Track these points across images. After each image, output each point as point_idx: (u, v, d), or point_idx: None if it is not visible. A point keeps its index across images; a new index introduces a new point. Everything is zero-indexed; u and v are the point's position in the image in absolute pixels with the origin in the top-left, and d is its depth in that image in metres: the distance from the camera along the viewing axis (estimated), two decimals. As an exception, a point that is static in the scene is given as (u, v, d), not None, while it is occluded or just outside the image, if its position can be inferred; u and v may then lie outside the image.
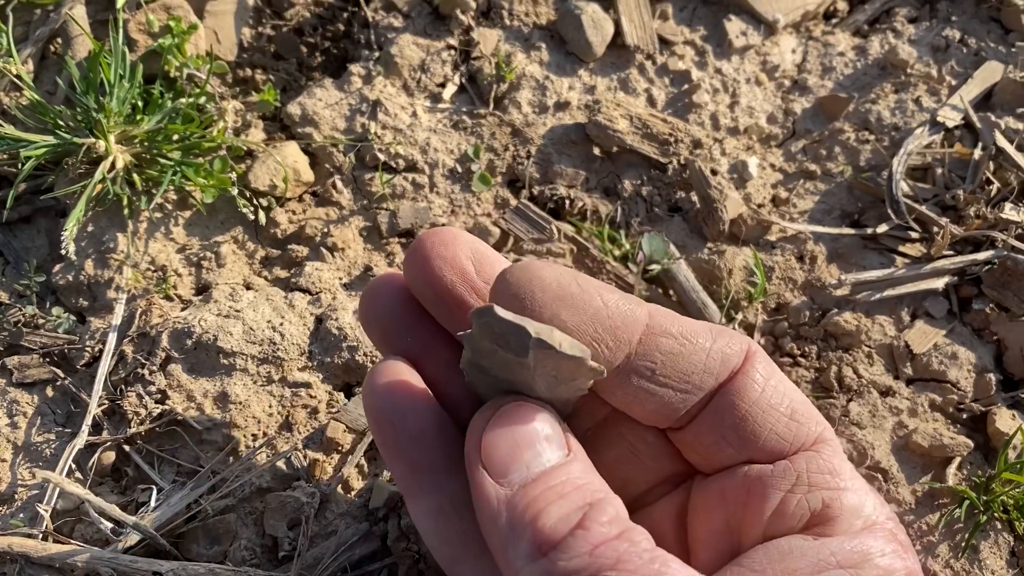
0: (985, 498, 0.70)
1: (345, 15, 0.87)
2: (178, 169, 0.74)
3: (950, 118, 0.84)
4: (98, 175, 0.72)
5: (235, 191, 0.75)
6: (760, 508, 0.45)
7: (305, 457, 0.68)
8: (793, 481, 0.45)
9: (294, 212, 0.79)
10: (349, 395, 0.72)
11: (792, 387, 0.48)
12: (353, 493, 0.68)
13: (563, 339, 0.41)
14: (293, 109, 0.81)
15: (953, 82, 0.87)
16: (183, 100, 0.77)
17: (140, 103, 0.76)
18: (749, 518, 0.45)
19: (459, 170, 0.80)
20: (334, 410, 0.70)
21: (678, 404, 0.46)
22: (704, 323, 0.47)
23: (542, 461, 0.42)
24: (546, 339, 0.40)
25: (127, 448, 0.68)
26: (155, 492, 0.65)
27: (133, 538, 0.63)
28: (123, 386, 0.69)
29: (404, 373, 0.47)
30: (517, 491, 0.40)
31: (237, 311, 0.71)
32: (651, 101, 0.85)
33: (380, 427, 0.46)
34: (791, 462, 0.46)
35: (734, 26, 0.88)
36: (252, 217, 0.77)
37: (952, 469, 0.72)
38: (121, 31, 0.74)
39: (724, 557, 0.45)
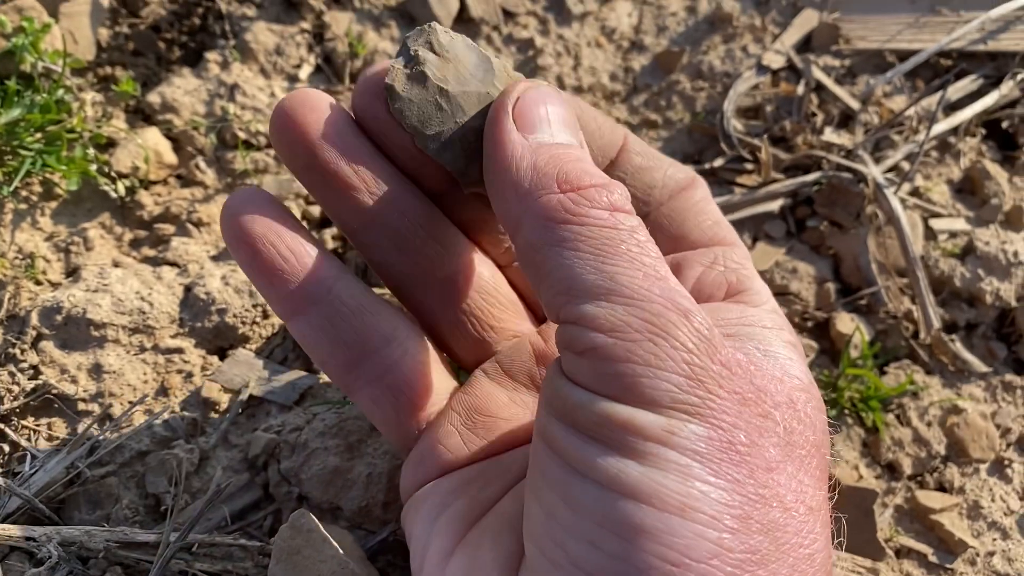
0: (833, 395, 0.76)
1: (200, 9, 0.90)
2: (38, 158, 0.76)
3: (774, 61, 0.91)
4: (-44, 167, 0.73)
5: (99, 176, 0.78)
6: (685, 280, 0.49)
7: (183, 419, 0.70)
8: (712, 260, 0.49)
9: (159, 195, 0.81)
10: (222, 357, 0.74)
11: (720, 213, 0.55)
12: (234, 449, 0.70)
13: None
14: (153, 98, 0.84)
15: (775, 31, 0.94)
16: (41, 95, 0.79)
17: (-2, 100, 0.78)
18: None
19: (319, 143, 0.84)
20: (208, 372, 0.72)
21: (641, 210, 0.52)
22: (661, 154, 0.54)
23: (569, 137, 0.42)
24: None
25: (1, 426, 0.69)
26: (30, 459, 0.66)
27: (12, 505, 0.64)
28: (-6, 367, 0.70)
29: (266, 196, 0.45)
30: (543, 145, 0.40)
31: (105, 285, 0.73)
32: (499, 68, 0.90)
33: (254, 249, 0.44)
34: (710, 248, 0.51)
35: (572, -5, 0.95)
36: (114, 195, 0.79)
37: (800, 371, 0.77)
38: (-28, 31, 0.76)
39: None
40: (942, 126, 0.88)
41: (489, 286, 0.50)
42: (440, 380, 0.48)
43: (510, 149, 0.40)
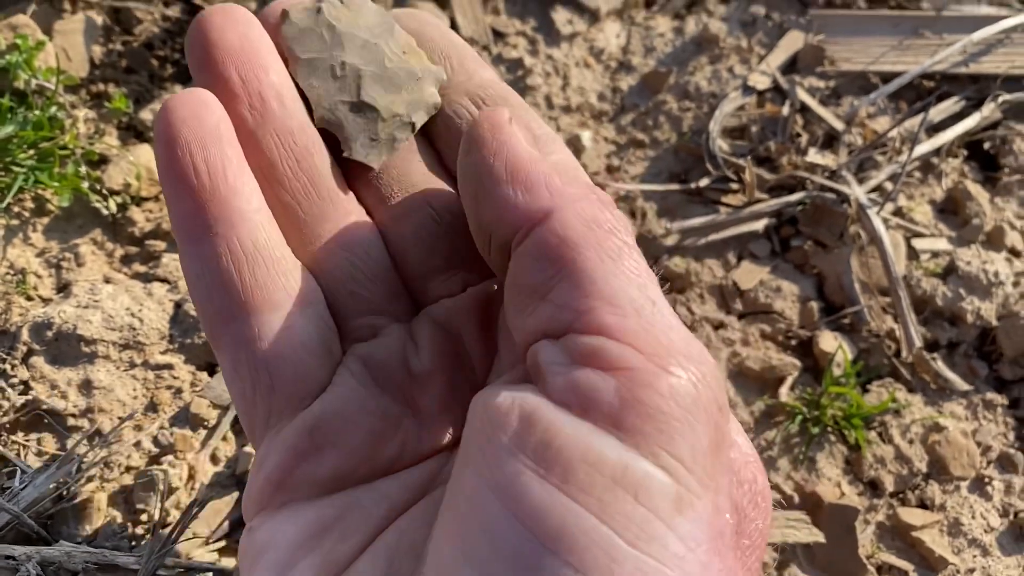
0: (816, 413, 0.77)
1: (192, 28, 0.91)
2: (30, 175, 0.77)
3: (760, 82, 0.92)
4: (-51, 184, 0.74)
5: (91, 193, 0.78)
6: None
7: (172, 434, 0.71)
8: None
9: (151, 211, 0.82)
10: (211, 373, 0.74)
11: None
12: (221, 464, 0.71)
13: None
14: (146, 115, 0.85)
15: (761, 52, 0.96)
16: (34, 112, 0.79)
17: (-9, 117, 0.79)
18: None
19: (310, 161, 0.85)
20: (198, 388, 0.73)
21: None
22: None
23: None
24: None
25: (-8, 441, 0.69)
26: (19, 474, 0.67)
27: (1, 520, 0.65)
28: (-15, 382, 0.71)
29: (214, 104, 0.39)
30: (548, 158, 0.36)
31: (96, 301, 0.74)
32: (488, 87, 0.92)
33: (171, 151, 0.37)
34: None
35: (561, 16, 0.96)
36: (106, 212, 0.79)
37: (784, 389, 0.78)
38: (-34, 48, 0.77)
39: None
40: (925, 147, 0.89)
41: (363, 252, 0.41)
42: (318, 371, 0.39)
43: (522, 148, 0.35)
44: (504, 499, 0.28)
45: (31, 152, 0.78)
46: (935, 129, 0.92)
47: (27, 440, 0.69)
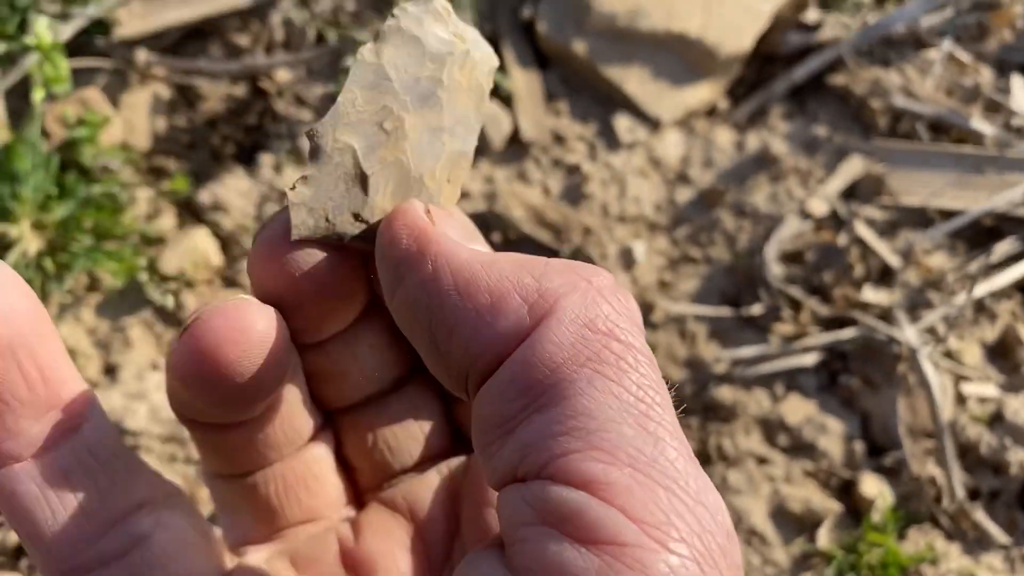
0: (853, 558, 0.76)
1: (257, 108, 0.92)
2: (89, 256, 0.77)
3: (818, 207, 0.92)
4: (10, 261, 0.74)
5: (145, 277, 0.79)
6: None
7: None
8: None
9: (203, 296, 0.82)
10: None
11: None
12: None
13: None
14: (204, 197, 0.85)
15: (821, 175, 0.96)
16: (96, 188, 0.80)
17: (56, 190, 0.79)
18: None
19: (364, 255, 0.85)
20: (238, 487, 0.73)
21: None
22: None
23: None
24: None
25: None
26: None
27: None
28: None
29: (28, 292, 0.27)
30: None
31: (144, 392, 0.74)
32: (546, 191, 0.92)
33: None
34: None
35: (622, 123, 0.96)
36: (159, 302, 0.80)
37: (823, 532, 0.77)
38: (38, 123, 0.78)
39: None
40: (980, 289, 0.89)
41: (304, 455, 0.32)
42: (203, 567, 0.30)
43: (463, 255, 0.27)
44: None
45: (90, 230, 0.79)
46: (990, 269, 0.92)
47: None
